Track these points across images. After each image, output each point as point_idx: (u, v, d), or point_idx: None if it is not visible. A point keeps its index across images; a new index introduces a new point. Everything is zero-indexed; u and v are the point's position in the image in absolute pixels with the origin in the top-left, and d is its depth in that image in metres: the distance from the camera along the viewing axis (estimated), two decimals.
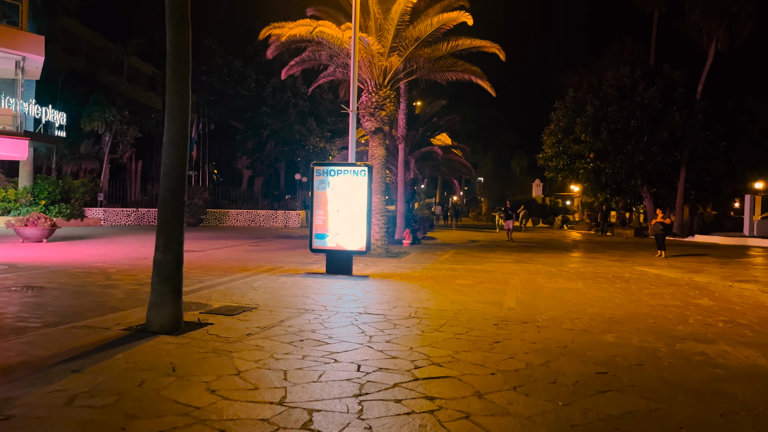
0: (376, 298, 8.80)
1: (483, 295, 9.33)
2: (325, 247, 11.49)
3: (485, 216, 60.89)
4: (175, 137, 6.33)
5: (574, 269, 13.78)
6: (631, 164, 28.47)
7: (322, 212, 11.50)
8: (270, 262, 13.41)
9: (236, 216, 31.91)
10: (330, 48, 16.43)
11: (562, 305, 8.65)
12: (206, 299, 8.26)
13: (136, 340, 5.81)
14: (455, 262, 14.97)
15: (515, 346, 6.03)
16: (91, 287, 9.04)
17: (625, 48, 39.85)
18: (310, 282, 10.27)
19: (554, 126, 31.70)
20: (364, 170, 11.37)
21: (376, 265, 13.40)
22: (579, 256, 17.81)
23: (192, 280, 10.09)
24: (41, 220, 15.76)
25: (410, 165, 26.13)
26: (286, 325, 6.70)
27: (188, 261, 13.51)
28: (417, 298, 8.84)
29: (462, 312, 7.84)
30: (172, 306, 6.27)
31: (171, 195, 6.33)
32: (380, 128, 16.25)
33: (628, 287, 10.87)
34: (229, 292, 8.89)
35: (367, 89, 16.36)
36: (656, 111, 28.38)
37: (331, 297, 8.74)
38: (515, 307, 8.35)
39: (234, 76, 33.49)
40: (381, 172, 16.36)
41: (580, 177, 30.75)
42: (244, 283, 9.88)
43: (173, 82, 6.32)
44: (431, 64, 16.73)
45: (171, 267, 6.30)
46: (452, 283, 10.63)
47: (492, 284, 10.71)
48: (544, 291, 10.09)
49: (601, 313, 8.13)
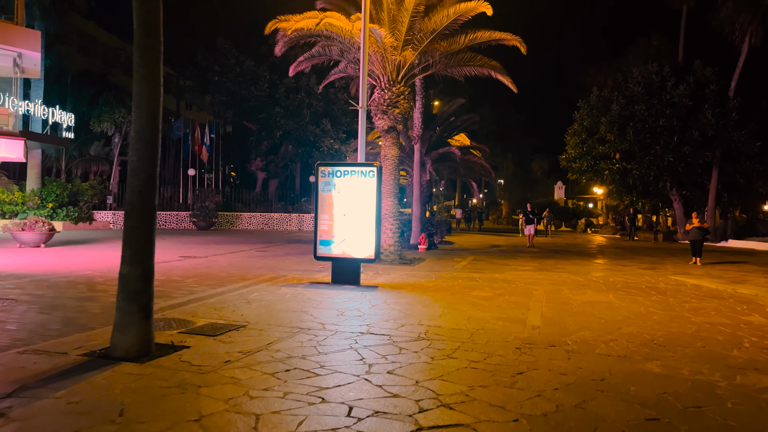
0: (382, 313, 7.84)
1: (503, 311, 8.32)
2: (331, 254, 10.57)
3: (505, 219, 59.52)
4: (142, 131, 5.46)
5: (602, 279, 12.66)
6: (660, 165, 27.05)
7: (327, 216, 10.58)
8: (273, 270, 12.54)
9: (249, 219, 31.21)
10: (341, 42, 15.56)
11: (593, 323, 7.61)
12: (191, 315, 7.39)
13: (92, 369, 4.94)
14: (473, 270, 13.94)
15: (542, 378, 5.03)
16: (67, 300, 8.23)
17: (652, 45, 38.33)
18: (312, 294, 9.35)
19: (578, 126, 30.40)
20: (373, 171, 10.42)
21: (388, 273, 12.45)
22: (607, 264, 16.64)
23: (182, 292, 9.24)
24: (39, 224, 15.12)
25: (426, 166, 25.12)
26: (274, 348, 5.79)
27: (186, 268, 12.80)
28: (429, 314, 7.86)
29: (479, 332, 6.85)
30: (140, 327, 5.40)
31: (139, 198, 5.45)
32: (393, 127, 15.30)
33: (665, 300, 9.75)
34: (220, 306, 8.01)
35: (379, 85, 15.44)
36: (687, 109, 26.95)
37: (333, 312, 7.81)
38: (540, 326, 7.33)
39: (247, 76, 32.83)
40: (394, 174, 15.41)
41: (605, 179, 29.38)
42: (239, 295, 9.00)
43: (140, 68, 5.45)
44: (448, 59, 15.74)
45: (138, 282, 5.43)
46: (469, 296, 9.63)
47: (513, 297, 9.68)
48: (571, 305, 9.04)
49: (639, 333, 7.08)
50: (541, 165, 78.88)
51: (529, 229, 22.87)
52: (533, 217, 23.04)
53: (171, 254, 15.35)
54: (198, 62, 33.64)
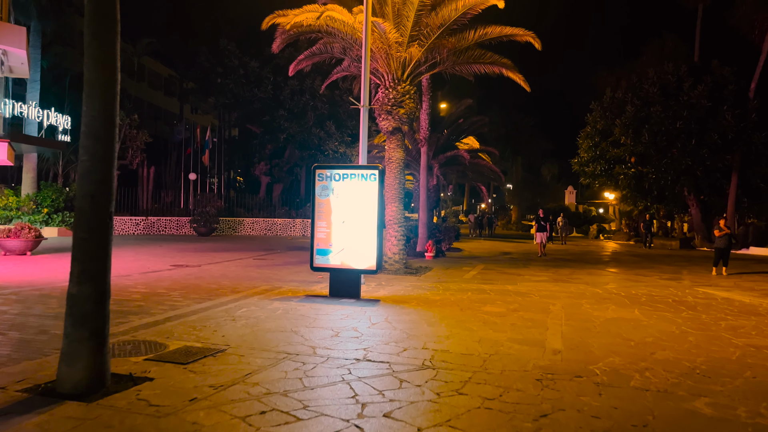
0: (382, 334, 6.96)
1: (519, 330, 7.41)
2: (328, 265, 9.70)
3: (515, 225, 58.38)
4: (94, 126, 4.61)
5: (624, 291, 11.70)
6: (678, 169, 25.95)
7: (325, 223, 9.73)
8: (268, 281, 11.68)
9: (252, 225, 30.41)
10: (343, 39, 14.73)
11: (622, 346, 6.69)
12: (166, 336, 6.53)
13: (26, 410, 4.09)
14: (483, 280, 13.03)
15: (572, 423, 4.14)
16: (31, 318, 7.40)
17: (666, 45, 37.36)
18: (307, 309, 8.48)
19: (590, 128, 29.36)
20: (375, 174, 9.56)
21: (391, 285, 11.56)
22: (625, 274, 15.65)
23: (163, 307, 8.39)
24: (25, 231, 14.36)
25: (434, 170, 24.24)
26: (252, 381, 4.92)
27: (174, 279, 11.65)
28: (435, 335, 6.97)
29: (493, 358, 5.95)
30: (91, 358, 4.55)
31: (90, 204, 4.60)
32: (398, 128, 14.44)
33: (697, 318, 8.80)
34: (201, 325, 7.15)
35: (383, 84, 14.59)
36: (705, 111, 25.87)
37: (326, 333, 6.93)
38: (562, 350, 6.42)
39: (251, 78, 32.08)
40: (399, 177, 14.54)
41: (619, 183, 28.31)
42: (225, 311, 8.14)
43: (93, 50, 4.61)
44: (456, 56, 14.86)
45: (89, 304, 4.58)
46: (480, 311, 8.72)
47: (529, 313, 8.76)
48: (594, 323, 8.11)
49: (676, 359, 6.16)
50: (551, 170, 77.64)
51: (540, 236, 20.63)
52: (545, 223, 20.90)
53: (162, 263, 14.54)
54: (201, 64, 32.97)
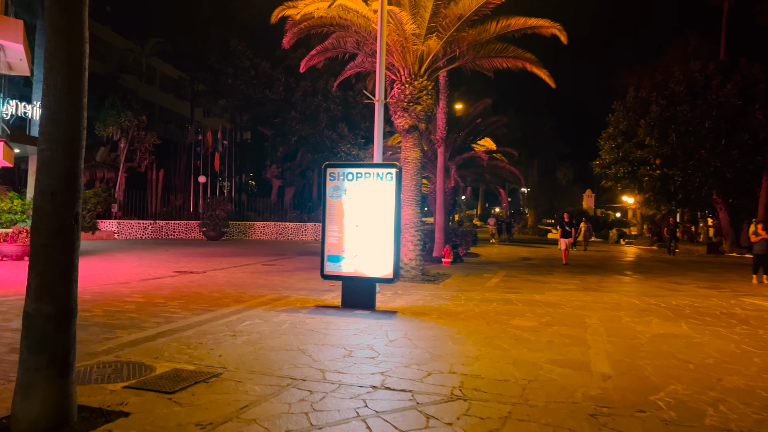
0: (402, 354, 6.08)
1: (557, 349, 6.50)
2: (341, 272, 8.85)
3: (531, 229, 57.16)
4: (56, 108, 3.80)
5: (663, 301, 10.71)
6: (706, 171, 24.77)
7: (337, 227, 8.88)
8: (276, 289, 10.85)
9: (263, 229, 29.68)
10: (356, 33, 13.93)
11: (680, 370, 5.76)
12: (156, 356, 5.71)
13: None
14: (507, 288, 12.09)
15: None
16: (6, 334, 6.63)
17: (689, 44, 36.09)
18: (316, 323, 7.62)
19: (613, 129, 28.25)
20: (391, 173, 8.70)
21: (409, 294, 10.68)
22: (659, 282, 14.60)
23: (158, 320, 7.58)
24: (22, 235, 13.71)
25: (450, 172, 23.33)
26: (247, 418, 4.07)
27: (175, 287, 10.70)
28: (462, 355, 6.09)
29: (533, 385, 5.06)
30: (51, 390, 3.74)
31: (50, 204, 3.79)
32: (415, 126, 13.57)
33: (754, 333, 7.82)
34: (196, 342, 6.33)
35: (399, 80, 13.74)
36: (734, 110, 24.71)
37: (338, 352, 6.07)
38: (612, 375, 5.51)
39: (262, 79, 31.38)
40: (416, 179, 13.67)
41: (643, 186, 27.16)
42: (226, 325, 7.31)
43: (54, 16, 3.81)
44: (476, 50, 13.97)
45: (49, 324, 3.77)
46: (509, 326, 7.81)
47: (564, 327, 7.83)
48: (640, 340, 7.17)
49: (749, 387, 5.23)
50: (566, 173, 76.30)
51: (565, 242, 19.04)
52: (570, 228, 19.36)
53: (165, 269, 13.78)
54: (211, 65, 32.37)
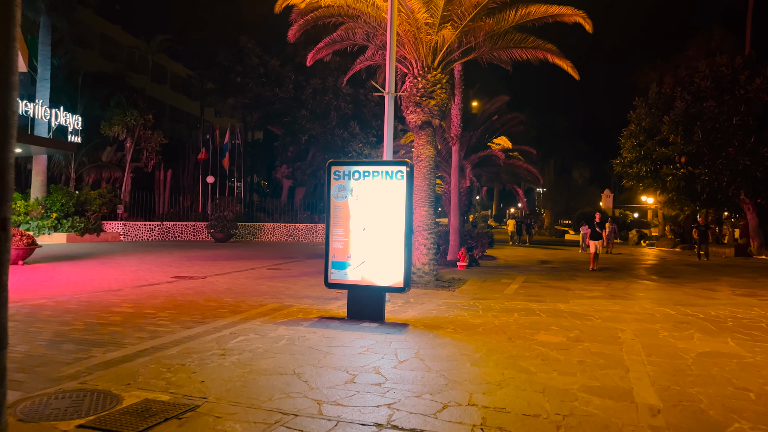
0: (413, 378, 5.26)
1: (591, 372, 5.64)
2: (346, 281, 8.05)
3: (547, 230, 56.00)
4: None
5: (701, 311, 9.76)
6: (734, 170, 23.63)
7: (342, 231, 8.09)
8: (278, 297, 10.07)
9: (272, 230, 29.00)
10: (366, 23, 13.18)
11: (740, 400, 4.88)
12: (128, 381, 4.95)
13: None
14: (528, 296, 11.22)
15: None
16: None
17: (713, 38, 34.87)
18: (317, 338, 6.82)
19: (635, 126, 27.15)
20: (402, 171, 7.88)
21: (421, 303, 9.85)
22: (690, 288, 13.60)
23: (142, 335, 6.83)
24: (16, 238, 13.11)
25: (466, 171, 22.43)
26: None
27: (169, 294, 9.77)
28: (482, 380, 5.25)
29: (568, 422, 4.21)
30: None
31: None
32: (428, 122, 12.75)
33: None
34: (178, 364, 5.55)
35: (411, 72, 12.93)
36: (764, 106, 23.55)
37: (339, 376, 5.26)
38: (661, 408, 4.64)
39: (271, 77, 30.70)
40: (430, 178, 12.84)
41: (667, 185, 26.06)
42: (216, 341, 6.54)
43: None
44: (494, 40, 13.12)
45: None
46: (534, 342, 6.95)
47: (596, 344, 6.96)
48: (685, 360, 6.28)
49: None
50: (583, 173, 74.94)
51: (594, 245, 17.39)
52: (601, 230, 17.64)
53: (164, 274, 13.08)
54: (220, 63, 31.77)
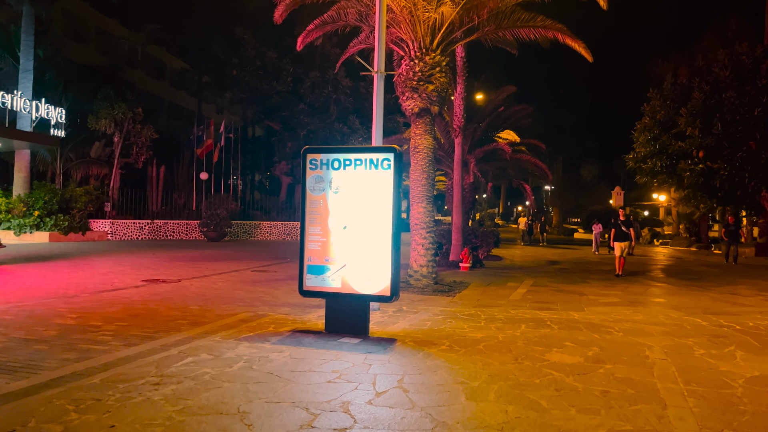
0: (390, 420, 4.07)
1: (619, 408, 4.43)
2: (324, 287, 6.87)
3: (555, 229, 54.64)
4: None
5: (736, 321, 8.51)
6: (755, 164, 22.27)
7: (320, 229, 6.92)
8: (253, 304, 8.90)
9: (269, 229, 27.86)
10: (359, 1, 12.01)
11: None
12: (14, 426, 3.78)
13: None
14: (537, 303, 10.00)
15: None
16: None
17: (729, 28, 33.51)
18: (283, 359, 5.64)
19: (649, 119, 25.76)
20: (389, 159, 6.69)
21: (416, 310, 8.66)
22: (716, 293, 12.29)
23: (69, 355, 5.66)
24: None
25: (470, 166, 21.20)
26: None
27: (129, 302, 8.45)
28: (479, 422, 4.06)
29: None
30: None
31: None
32: (426, 108, 11.54)
33: None
34: (95, 398, 4.38)
35: (408, 54, 11.73)
36: None
37: (296, 416, 4.08)
38: None
39: (268, 69, 29.55)
40: (428, 171, 11.64)
41: (684, 181, 24.70)
42: (157, 365, 5.36)
43: None
44: (499, 19, 11.91)
45: None
46: (544, 364, 5.74)
47: (620, 365, 5.74)
48: (734, 389, 5.06)
49: None
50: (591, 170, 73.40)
51: (620, 247, 15.04)
52: (627, 229, 15.09)
53: (135, 277, 11.94)
54: (215, 55, 30.65)
